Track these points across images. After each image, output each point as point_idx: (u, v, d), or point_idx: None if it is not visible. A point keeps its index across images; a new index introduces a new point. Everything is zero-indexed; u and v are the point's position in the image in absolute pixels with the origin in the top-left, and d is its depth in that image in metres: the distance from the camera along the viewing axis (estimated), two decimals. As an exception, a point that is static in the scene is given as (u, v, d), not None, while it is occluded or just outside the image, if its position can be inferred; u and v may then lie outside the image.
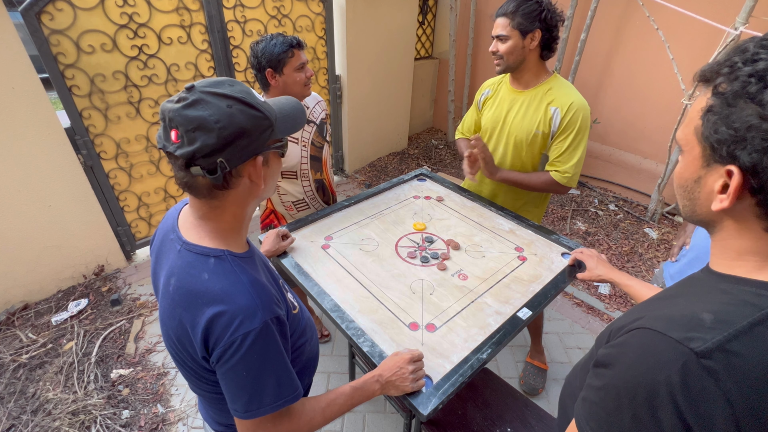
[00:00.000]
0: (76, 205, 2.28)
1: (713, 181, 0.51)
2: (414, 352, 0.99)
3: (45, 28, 1.96)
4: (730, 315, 0.47)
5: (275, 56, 1.43)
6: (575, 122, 1.47)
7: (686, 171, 0.56)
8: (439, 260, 1.44)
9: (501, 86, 1.68)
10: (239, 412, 0.73)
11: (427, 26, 4.34)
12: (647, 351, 0.49)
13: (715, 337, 0.46)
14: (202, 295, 0.69)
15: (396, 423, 1.80)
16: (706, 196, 0.53)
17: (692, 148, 0.53)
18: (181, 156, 0.64)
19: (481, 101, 1.75)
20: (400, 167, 4.03)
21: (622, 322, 0.58)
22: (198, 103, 0.63)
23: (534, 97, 1.54)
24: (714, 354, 0.45)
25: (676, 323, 0.49)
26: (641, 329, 0.52)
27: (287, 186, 1.70)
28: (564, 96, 1.49)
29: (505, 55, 1.49)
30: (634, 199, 3.47)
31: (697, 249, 1.33)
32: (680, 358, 0.46)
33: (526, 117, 1.56)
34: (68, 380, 1.92)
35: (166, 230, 0.80)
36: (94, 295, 2.40)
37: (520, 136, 1.57)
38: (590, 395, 0.56)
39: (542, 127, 1.52)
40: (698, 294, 0.54)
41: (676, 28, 2.78)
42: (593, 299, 2.48)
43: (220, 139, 0.63)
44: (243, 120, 0.65)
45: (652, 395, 0.47)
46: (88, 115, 2.22)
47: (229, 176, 0.68)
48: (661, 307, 0.55)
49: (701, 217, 0.56)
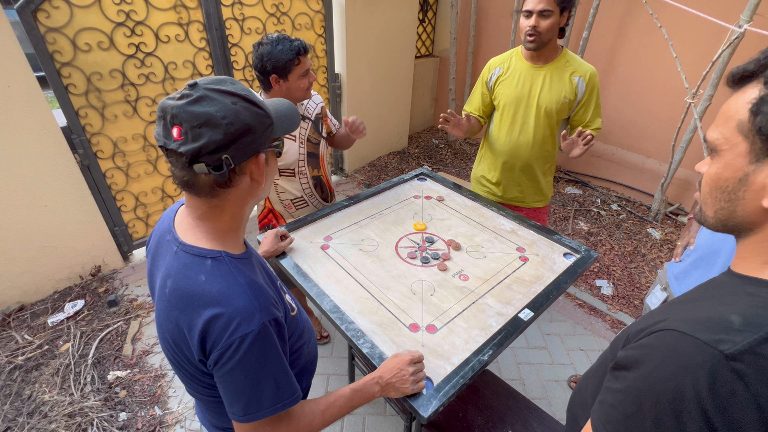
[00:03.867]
0: (73, 205, 2.26)
1: (765, 176, 0.48)
2: (414, 353, 0.99)
3: (41, 26, 1.95)
4: (759, 318, 0.46)
5: (281, 63, 1.42)
6: (595, 87, 1.65)
7: (726, 171, 0.52)
8: (439, 261, 1.42)
9: (512, 63, 1.73)
10: (237, 416, 0.72)
11: (427, 24, 4.32)
12: (673, 353, 0.47)
13: (746, 339, 0.44)
14: (198, 297, 0.68)
15: (396, 425, 1.78)
16: (754, 195, 0.50)
17: (734, 145, 0.51)
18: (185, 153, 0.63)
19: (492, 80, 1.78)
20: (400, 167, 4.01)
21: (642, 324, 0.56)
22: (203, 99, 0.63)
23: (555, 70, 1.64)
24: (744, 357, 0.43)
25: (703, 325, 0.48)
26: (666, 331, 0.50)
27: (285, 184, 1.68)
28: (582, 66, 1.65)
29: (545, 31, 1.52)
30: (637, 198, 3.45)
31: (702, 249, 1.31)
32: (708, 361, 0.44)
33: (553, 88, 1.65)
34: (64, 382, 1.90)
35: (163, 231, 0.79)
36: (91, 296, 2.38)
37: (550, 106, 1.66)
38: (608, 398, 0.54)
39: (569, 95, 1.65)
40: (723, 297, 0.52)
41: (680, 26, 2.76)
42: (596, 300, 2.46)
43: (227, 135, 0.63)
44: (248, 117, 0.65)
45: (677, 399, 0.45)
46: (84, 114, 2.20)
47: (233, 173, 0.68)
48: (684, 310, 0.53)
49: (740, 219, 0.53)
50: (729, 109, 0.52)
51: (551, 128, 1.74)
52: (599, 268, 2.73)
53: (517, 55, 1.72)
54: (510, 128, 1.78)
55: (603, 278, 2.64)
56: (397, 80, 3.86)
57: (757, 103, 0.47)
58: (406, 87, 4.03)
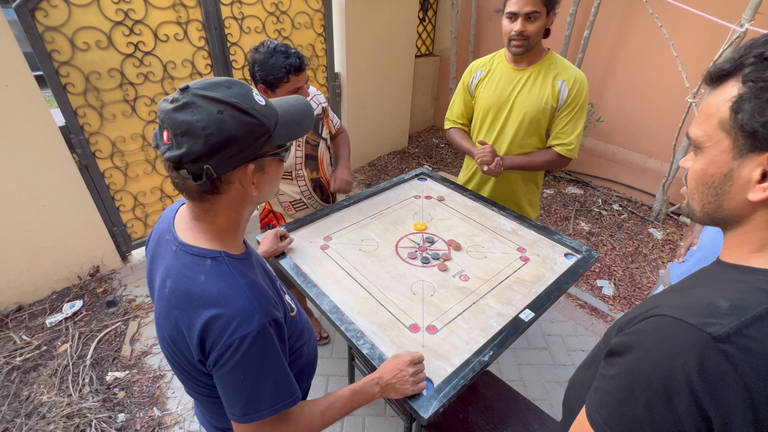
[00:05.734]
0: (71, 205, 2.25)
1: (749, 171, 0.50)
2: (414, 354, 0.99)
3: (39, 24, 1.93)
4: (746, 302, 0.48)
5: (270, 78, 1.38)
6: (580, 95, 1.49)
7: (711, 167, 0.54)
8: (440, 261, 1.41)
9: (494, 65, 1.62)
10: (236, 417, 0.71)
11: (427, 23, 4.31)
12: (664, 337, 0.49)
13: (733, 322, 0.46)
14: (198, 297, 0.68)
15: (396, 426, 1.77)
16: (739, 189, 0.52)
17: (717, 142, 0.52)
18: (168, 159, 0.63)
19: (473, 83, 1.68)
20: (400, 166, 4.00)
21: (634, 313, 0.58)
22: (188, 106, 0.61)
23: (538, 73, 1.52)
24: (732, 339, 0.45)
25: (692, 310, 0.49)
26: (657, 316, 0.52)
27: (283, 187, 1.67)
28: (567, 69, 1.51)
29: (533, 35, 1.41)
30: (639, 198, 3.44)
31: (705, 249, 1.30)
32: (698, 343, 0.46)
33: (532, 92, 1.53)
34: (63, 383, 1.89)
35: (162, 230, 0.79)
36: (89, 297, 2.37)
37: (530, 112, 1.55)
38: (602, 384, 0.55)
39: (550, 101, 1.52)
40: (712, 284, 0.54)
41: (681, 26, 2.75)
42: (597, 301, 2.45)
43: (207, 146, 0.61)
44: (233, 127, 0.63)
45: (668, 381, 0.47)
46: (83, 114, 2.19)
47: (218, 182, 0.67)
48: (675, 297, 0.55)
49: (726, 213, 0.55)
50: (710, 107, 0.53)
51: (539, 138, 1.60)
52: (600, 268, 2.72)
53: (500, 56, 1.61)
54: (486, 136, 1.68)
55: (604, 279, 2.63)
56: (397, 79, 3.85)
57: (737, 101, 0.49)
58: (407, 86, 4.02)
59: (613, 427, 0.51)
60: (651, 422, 0.48)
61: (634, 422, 0.49)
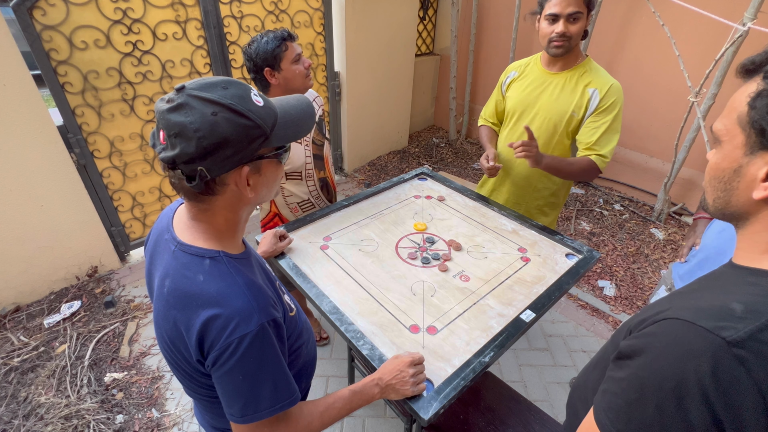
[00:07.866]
0: (69, 205, 2.24)
1: (756, 168, 0.50)
2: (415, 355, 0.98)
3: (37, 23, 1.92)
4: (760, 306, 0.47)
5: (270, 53, 1.40)
6: (615, 105, 1.43)
7: (724, 161, 0.54)
8: (440, 261, 1.40)
9: (530, 68, 1.61)
10: (235, 417, 0.71)
11: (428, 22, 4.30)
12: (676, 340, 0.48)
13: (747, 326, 0.45)
14: (197, 297, 0.68)
15: (396, 428, 1.76)
16: (746, 186, 0.52)
17: (733, 137, 0.52)
18: (162, 159, 0.63)
19: (506, 84, 1.68)
20: (400, 166, 3.99)
21: (644, 315, 0.57)
22: (182, 107, 0.61)
23: (569, 79, 1.49)
24: (746, 343, 0.44)
25: (705, 313, 0.48)
26: (669, 319, 0.51)
27: (292, 188, 1.65)
28: (602, 77, 1.45)
29: (575, 35, 1.37)
30: (640, 198, 3.42)
31: (707, 249, 1.29)
32: (711, 347, 0.45)
33: (560, 98, 1.50)
34: (61, 384, 1.88)
35: (161, 230, 0.78)
36: (88, 297, 2.36)
37: (553, 118, 1.52)
38: (611, 386, 0.55)
39: (578, 110, 1.48)
40: (725, 287, 0.53)
41: (683, 25, 2.74)
42: (598, 301, 2.44)
43: (199, 148, 0.61)
44: (227, 129, 0.62)
45: (680, 384, 0.46)
46: (81, 113, 2.18)
47: (213, 184, 0.66)
48: (687, 300, 0.54)
49: (735, 209, 0.55)
50: (734, 101, 0.53)
51: (562, 146, 1.56)
52: (602, 268, 2.71)
53: (536, 59, 1.60)
54: (509, 136, 1.65)
55: (605, 279, 2.62)
56: (397, 78, 3.84)
57: (754, 97, 0.49)
58: (407, 85, 4.01)
59: (621, 430, 0.51)
60: (660, 425, 0.47)
61: (642, 425, 0.49)
